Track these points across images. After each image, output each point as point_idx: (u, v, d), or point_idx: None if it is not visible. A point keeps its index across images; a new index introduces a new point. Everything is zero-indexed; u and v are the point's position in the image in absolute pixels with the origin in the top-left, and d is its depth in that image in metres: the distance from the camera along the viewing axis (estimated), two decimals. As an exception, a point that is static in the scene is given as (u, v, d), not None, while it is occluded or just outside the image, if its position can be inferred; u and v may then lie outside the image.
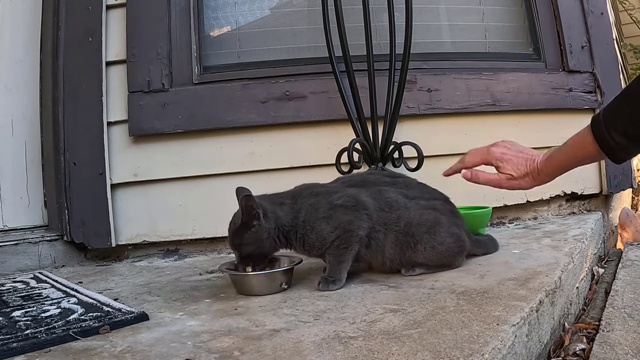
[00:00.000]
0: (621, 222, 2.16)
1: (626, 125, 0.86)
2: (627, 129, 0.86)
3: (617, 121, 0.88)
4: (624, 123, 0.86)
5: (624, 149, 0.88)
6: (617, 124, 0.87)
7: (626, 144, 0.87)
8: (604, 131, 0.89)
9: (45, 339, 0.84)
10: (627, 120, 0.86)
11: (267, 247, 1.10)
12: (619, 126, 0.87)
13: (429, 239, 1.10)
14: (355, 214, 1.08)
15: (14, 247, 1.54)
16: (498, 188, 1.06)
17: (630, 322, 1.05)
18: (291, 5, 1.90)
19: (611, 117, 0.89)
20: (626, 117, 0.86)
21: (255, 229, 1.08)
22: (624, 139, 0.87)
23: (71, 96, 1.62)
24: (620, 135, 0.87)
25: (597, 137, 0.90)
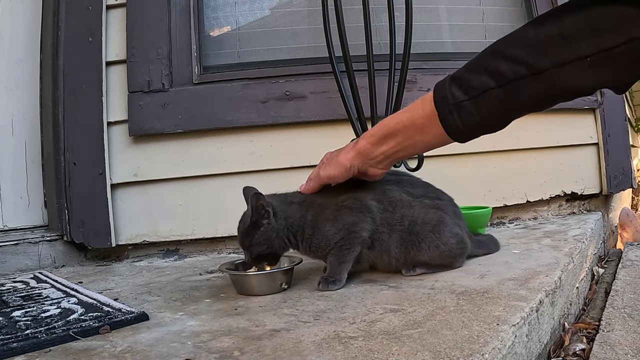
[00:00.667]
0: (621, 222, 2.16)
1: (468, 77, 0.78)
2: (469, 80, 0.77)
3: (461, 73, 0.80)
4: (467, 75, 0.78)
5: (457, 106, 0.78)
6: (460, 76, 0.80)
7: (461, 99, 0.78)
8: (445, 84, 0.81)
9: (45, 339, 0.84)
10: (471, 71, 0.78)
11: (277, 246, 1.10)
12: (462, 78, 0.79)
13: (433, 237, 1.10)
14: (359, 215, 1.08)
15: (14, 247, 1.54)
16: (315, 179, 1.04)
17: (630, 322, 1.05)
18: (291, 5, 1.90)
19: (458, 72, 0.81)
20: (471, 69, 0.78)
21: (265, 228, 1.07)
22: (461, 93, 0.78)
23: (71, 96, 1.62)
24: (458, 89, 0.78)
25: (435, 90, 0.81)
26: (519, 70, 0.72)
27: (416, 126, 0.84)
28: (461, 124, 0.79)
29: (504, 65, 0.73)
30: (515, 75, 0.72)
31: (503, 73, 0.73)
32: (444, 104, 0.79)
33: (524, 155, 1.81)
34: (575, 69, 0.69)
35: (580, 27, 0.67)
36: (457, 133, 0.81)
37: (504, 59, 0.73)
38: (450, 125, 0.80)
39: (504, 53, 0.74)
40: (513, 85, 0.73)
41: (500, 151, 1.79)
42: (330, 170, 0.99)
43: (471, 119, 0.79)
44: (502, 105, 0.76)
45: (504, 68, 0.73)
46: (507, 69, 0.73)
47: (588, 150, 1.88)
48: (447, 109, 0.79)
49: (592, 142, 1.87)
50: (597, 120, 1.87)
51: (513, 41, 0.74)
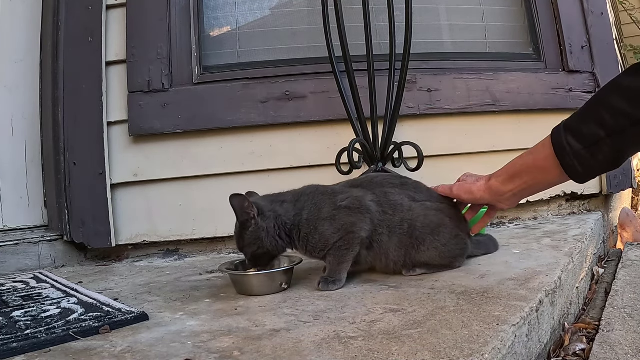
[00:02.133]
0: (621, 222, 2.16)
1: (580, 127, 0.86)
2: (581, 130, 0.86)
3: (573, 124, 0.88)
4: (579, 125, 0.86)
5: (575, 155, 0.87)
6: (573, 126, 0.88)
7: (578, 149, 0.86)
8: (561, 132, 0.89)
9: (45, 339, 0.84)
10: (582, 122, 0.86)
11: (270, 246, 1.10)
12: (574, 127, 0.87)
13: (433, 240, 1.10)
14: (358, 216, 1.08)
15: (14, 247, 1.54)
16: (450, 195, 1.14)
17: (630, 322, 1.05)
18: (291, 5, 1.90)
19: (570, 121, 0.89)
20: (582, 120, 0.86)
21: (253, 228, 1.08)
22: (577, 143, 0.86)
23: (71, 96, 1.62)
24: (574, 139, 0.86)
25: (553, 138, 0.90)
26: (621, 121, 0.81)
27: (540, 167, 0.95)
28: (580, 167, 0.88)
29: (607, 115, 0.82)
30: (619, 126, 0.82)
31: (608, 123, 0.82)
32: (564, 153, 0.88)
33: (524, 155, 1.81)
34: None
35: None
36: (578, 176, 0.90)
37: (607, 109, 0.83)
38: (572, 171, 0.89)
39: (606, 103, 0.83)
40: (619, 134, 0.82)
41: (500, 151, 1.79)
42: (461, 193, 1.11)
43: (589, 164, 0.87)
44: (612, 150, 0.85)
45: (607, 118, 0.82)
46: (611, 119, 0.82)
47: (588, 150, 1.88)
48: (567, 157, 0.88)
49: (592, 142, 1.87)
50: (597, 120, 1.87)
51: (613, 90, 0.83)
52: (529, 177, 0.98)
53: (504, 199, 1.05)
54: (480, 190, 1.07)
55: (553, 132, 0.91)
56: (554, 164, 0.90)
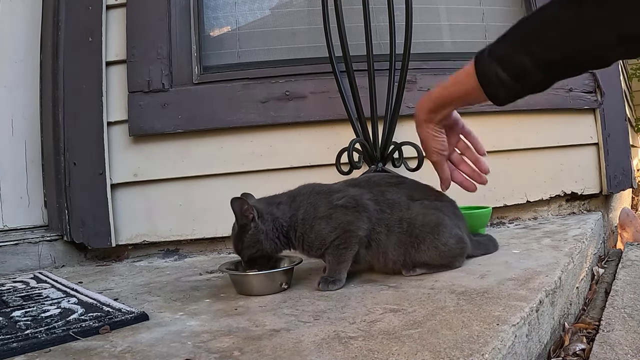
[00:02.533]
0: (621, 222, 2.16)
1: (509, 58, 0.83)
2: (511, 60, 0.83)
3: (501, 52, 0.85)
4: (508, 55, 0.83)
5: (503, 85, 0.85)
6: (500, 55, 0.85)
7: (505, 80, 0.84)
8: (486, 62, 0.86)
9: (45, 339, 0.84)
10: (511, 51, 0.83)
11: (268, 248, 1.10)
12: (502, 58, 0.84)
13: (432, 239, 1.10)
14: (355, 214, 1.08)
15: (14, 247, 1.54)
16: None
17: (630, 322, 1.05)
18: (291, 6, 1.90)
19: (496, 48, 0.86)
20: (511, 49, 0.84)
21: (252, 231, 1.08)
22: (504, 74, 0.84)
23: (71, 96, 1.62)
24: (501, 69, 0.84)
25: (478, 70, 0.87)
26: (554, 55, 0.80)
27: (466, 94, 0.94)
28: (507, 95, 0.88)
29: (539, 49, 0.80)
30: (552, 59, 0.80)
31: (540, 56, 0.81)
32: (490, 83, 0.87)
33: (524, 155, 1.81)
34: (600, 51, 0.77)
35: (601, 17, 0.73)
36: (504, 102, 0.90)
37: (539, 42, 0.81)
38: (498, 99, 0.89)
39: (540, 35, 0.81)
40: (550, 66, 0.81)
41: (500, 151, 1.79)
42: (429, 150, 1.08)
43: (516, 92, 0.87)
44: (542, 80, 0.84)
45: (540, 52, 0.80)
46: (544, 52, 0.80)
47: (588, 150, 1.88)
48: (492, 87, 0.87)
49: (592, 142, 1.87)
50: (597, 120, 1.87)
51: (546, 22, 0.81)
52: (457, 103, 0.99)
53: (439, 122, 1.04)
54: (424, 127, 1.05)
55: (477, 61, 0.89)
56: (480, 91, 0.90)
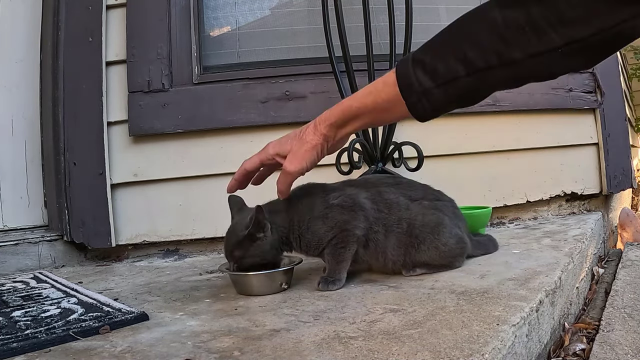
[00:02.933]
0: (621, 222, 2.16)
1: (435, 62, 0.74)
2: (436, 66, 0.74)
3: (427, 57, 0.76)
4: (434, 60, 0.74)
5: (425, 93, 0.76)
6: (426, 61, 0.75)
7: (430, 87, 0.75)
8: (409, 67, 0.77)
9: (45, 339, 0.84)
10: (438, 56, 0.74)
11: (270, 257, 1.10)
12: (427, 62, 0.75)
13: (433, 239, 1.10)
14: (351, 213, 1.08)
15: (14, 247, 1.54)
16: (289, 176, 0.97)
17: (630, 322, 1.05)
18: (291, 5, 1.90)
19: (421, 53, 0.77)
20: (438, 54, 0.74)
21: (261, 241, 1.06)
22: (429, 80, 0.75)
23: (71, 96, 1.62)
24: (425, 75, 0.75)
25: (399, 73, 0.78)
26: (490, 60, 0.70)
27: (381, 108, 0.83)
28: (430, 108, 0.78)
29: (473, 52, 0.71)
30: (486, 65, 0.70)
31: (473, 62, 0.71)
32: (411, 91, 0.77)
33: (524, 155, 1.81)
34: (547, 59, 0.68)
35: (549, 19, 0.65)
36: (424, 117, 0.80)
37: (472, 46, 0.71)
38: (418, 111, 0.79)
39: (471, 38, 0.71)
40: (484, 73, 0.71)
41: (500, 151, 1.79)
42: (299, 163, 0.95)
43: (439, 103, 0.77)
44: (471, 90, 0.74)
45: (473, 56, 0.71)
46: (477, 57, 0.70)
47: (588, 150, 1.88)
48: (414, 96, 0.77)
49: (592, 142, 1.87)
50: (597, 120, 1.87)
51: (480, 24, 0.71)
52: (368, 118, 0.88)
53: (338, 142, 0.95)
54: (316, 146, 0.93)
55: (398, 67, 0.79)
56: (398, 103, 0.79)
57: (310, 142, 0.93)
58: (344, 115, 0.89)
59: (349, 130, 0.91)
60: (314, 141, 0.93)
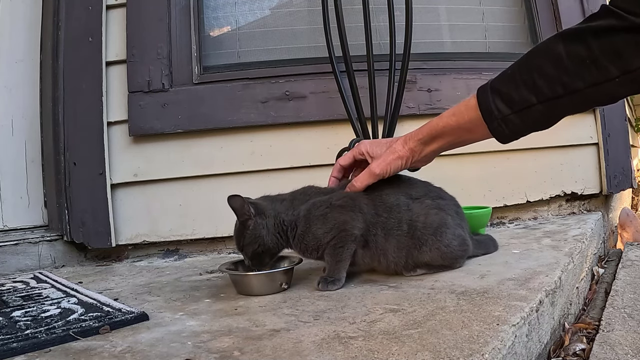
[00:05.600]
0: (621, 222, 2.16)
1: (510, 92, 0.85)
2: (511, 95, 0.85)
3: (503, 87, 0.87)
4: (509, 90, 0.85)
5: (504, 120, 0.87)
6: (502, 90, 0.86)
7: (507, 114, 0.86)
8: (487, 95, 0.88)
9: (45, 339, 0.84)
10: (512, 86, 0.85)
11: (271, 243, 1.10)
12: (503, 92, 0.86)
13: (435, 240, 1.09)
14: (350, 214, 1.08)
15: (14, 247, 1.54)
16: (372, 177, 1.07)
17: (630, 322, 1.05)
18: (291, 5, 1.90)
19: (498, 83, 0.88)
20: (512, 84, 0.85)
21: (253, 226, 1.08)
22: (506, 108, 0.86)
23: (71, 96, 1.62)
24: (503, 103, 0.86)
25: (480, 101, 0.89)
26: (556, 89, 0.81)
27: (464, 129, 0.94)
28: (508, 132, 0.89)
29: (541, 82, 0.81)
30: (553, 94, 0.81)
31: (543, 91, 0.82)
32: (491, 117, 0.88)
33: (524, 155, 1.81)
34: (605, 88, 0.78)
35: (607, 53, 0.75)
36: (504, 138, 0.91)
37: (541, 76, 0.81)
38: (499, 134, 0.90)
39: (540, 69, 0.82)
40: (553, 102, 0.82)
41: (500, 151, 1.79)
42: (384, 167, 1.06)
43: (517, 128, 0.88)
44: (544, 116, 0.85)
45: (542, 86, 0.81)
46: (546, 87, 0.81)
47: (588, 150, 1.88)
48: (495, 122, 0.88)
49: (592, 142, 1.87)
50: (597, 120, 1.87)
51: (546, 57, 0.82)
52: (452, 137, 0.98)
53: (424, 159, 1.06)
54: (406, 157, 1.04)
55: (479, 94, 0.90)
56: (480, 125, 0.90)
57: (398, 152, 1.04)
58: (431, 132, 1.00)
59: (434, 147, 1.01)
60: (401, 153, 1.04)
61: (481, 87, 0.90)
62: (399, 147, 1.05)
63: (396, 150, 1.05)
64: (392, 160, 1.05)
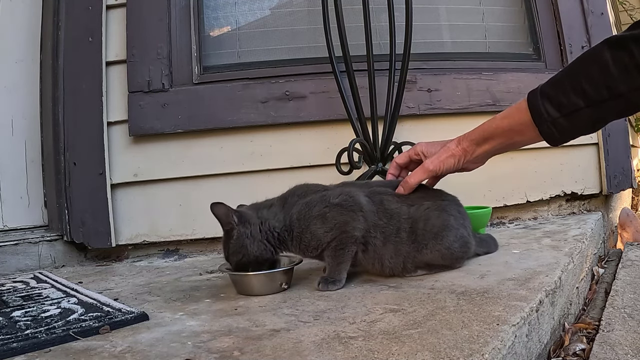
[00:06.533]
0: (621, 222, 2.16)
1: (559, 96, 0.88)
2: (560, 99, 0.88)
3: (552, 92, 0.90)
4: (558, 94, 0.89)
5: (553, 122, 0.89)
6: (551, 94, 0.90)
7: (556, 117, 0.89)
8: (537, 99, 0.91)
9: (45, 339, 0.84)
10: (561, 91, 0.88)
11: (256, 252, 1.07)
12: (552, 95, 0.89)
13: (435, 244, 1.09)
14: (351, 214, 1.07)
15: (14, 247, 1.54)
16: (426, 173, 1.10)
17: (630, 322, 1.05)
18: (291, 5, 1.90)
19: (547, 88, 0.91)
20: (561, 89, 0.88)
21: (236, 235, 1.07)
22: (555, 111, 0.89)
23: (71, 96, 1.62)
24: (552, 106, 0.89)
25: (530, 104, 0.92)
26: (602, 93, 0.84)
27: (515, 131, 0.97)
28: (558, 134, 0.92)
29: (588, 86, 0.85)
30: (599, 98, 0.84)
31: (589, 95, 0.85)
32: (542, 119, 0.91)
33: (524, 155, 1.81)
34: None
35: None
36: (554, 141, 0.93)
37: (588, 81, 0.85)
38: (548, 136, 0.93)
39: (587, 74, 0.86)
40: (599, 105, 0.85)
41: (500, 151, 1.79)
42: (438, 164, 1.09)
43: (566, 130, 0.91)
44: (591, 119, 0.88)
45: (589, 90, 0.85)
46: (592, 91, 0.85)
47: (588, 150, 1.88)
48: (544, 124, 0.91)
49: (592, 142, 1.87)
50: (597, 120, 1.87)
51: (593, 63, 0.85)
52: (503, 139, 1.01)
53: (476, 159, 1.08)
54: (458, 157, 1.07)
55: (529, 98, 0.93)
56: (530, 127, 0.93)
57: (452, 151, 1.08)
58: (483, 133, 1.03)
59: (486, 148, 1.04)
60: (454, 151, 1.08)
61: (532, 91, 0.93)
62: (452, 146, 1.08)
63: (450, 149, 1.08)
64: (445, 158, 1.08)
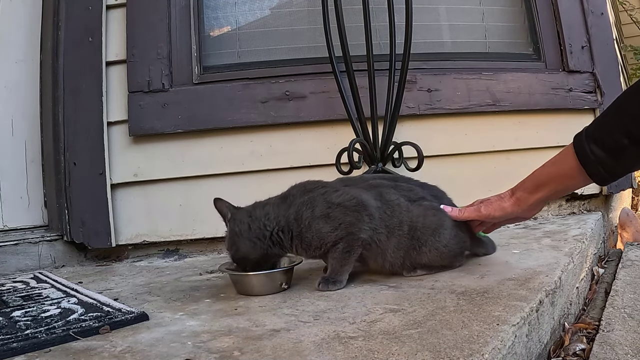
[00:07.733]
0: (621, 222, 2.16)
1: (604, 137, 0.89)
2: (604, 140, 0.89)
3: (596, 133, 0.91)
4: (602, 135, 0.90)
5: (600, 163, 0.90)
6: (596, 136, 0.91)
7: (603, 157, 0.89)
8: (583, 141, 0.92)
9: (45, 339, 0.84)
10: (605, 131, 0.90)
11: (245, 250, 1.08)
12: (597, 137, 0.91)
13: (434, 241, 1.09)
14: (356, 215, 1.06)
15: (14, 247, 1.54)
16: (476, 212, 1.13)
17: (630, 322, 1.05)
18: (291, 5, 1.90)
19: (592, 129, 0.93)
20: (605, 129, 0.90)
21: (228, 230, 1.11)
22: (601, 152, 0.90)
23: (71, 96, 1.62)
24: (597, 147, 0.90)
25: (576, 148, 0.94)
26: None
27: (565, 175, 0.99)
28: (606, 174, 0.92)
29: (632, 125, 0.85)
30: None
31: (634, 133, 0.85)
32: (588, 160, 0.92)
33: (524, 155, 1.81)
34: None
35: None
36: (603, 181, 0.94)
37: (631, 120, 0.86)
38: (597, 176, 0.93)
39: (630, 112, 0.86)
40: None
41: (500, 151, 1.79)
42: (491, 211, 1.12)
43: (613, 170, 0.92)
44: (638, 156, 0.88)
45: (633, 128, 0.85)
46: (636, 129, 0.85)
47: (588, 150, 1.88)
48: (591, 165, 0.92)
49: (592, 142, 1.87)
50: (597, 120, 1.87)
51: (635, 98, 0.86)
52: (555, 184, 1.02)
53: (531, 207, 1.09)
54: (510, 206, 1.09)
55: (575, 142, 0.94)
56: (579, 172, 0.94)
57: (505, 200, 1.11)
58: (535, 181, 1.06)
59: (540, 196, 1.06)
60: (507, 200, 1.11)
61: (577, 135, 0.95)
62: (506, 195, 1.11)
63: (503, 198, 1.11)
64: (498, 206, 1.11)
